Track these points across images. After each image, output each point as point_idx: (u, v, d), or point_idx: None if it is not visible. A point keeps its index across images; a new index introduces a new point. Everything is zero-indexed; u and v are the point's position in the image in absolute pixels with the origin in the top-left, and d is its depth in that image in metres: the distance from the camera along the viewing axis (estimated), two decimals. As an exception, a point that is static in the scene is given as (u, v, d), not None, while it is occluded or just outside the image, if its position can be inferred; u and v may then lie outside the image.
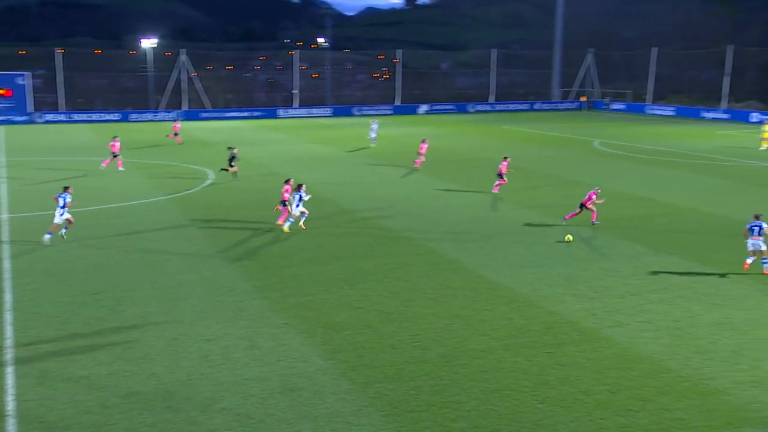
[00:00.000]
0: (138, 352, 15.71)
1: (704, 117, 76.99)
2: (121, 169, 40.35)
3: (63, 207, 24.34)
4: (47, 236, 24.44)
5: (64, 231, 24.81)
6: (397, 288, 20.01)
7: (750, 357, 15.38)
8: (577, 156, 47.05)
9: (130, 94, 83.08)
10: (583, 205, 27.00)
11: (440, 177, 38.57)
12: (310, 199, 27.06)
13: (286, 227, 26.20)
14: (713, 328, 17.05)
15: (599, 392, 13.85)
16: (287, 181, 26.85)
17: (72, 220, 24.80)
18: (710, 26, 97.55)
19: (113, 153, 40.52)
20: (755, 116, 72.22)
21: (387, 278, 20.86)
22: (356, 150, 50.23)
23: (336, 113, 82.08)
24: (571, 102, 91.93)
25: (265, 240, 25.23)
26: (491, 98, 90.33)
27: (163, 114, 76.41)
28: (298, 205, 26.20)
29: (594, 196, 26.93)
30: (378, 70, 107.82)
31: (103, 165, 40.88)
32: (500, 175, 33.70)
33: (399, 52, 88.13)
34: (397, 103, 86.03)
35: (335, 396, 13.78)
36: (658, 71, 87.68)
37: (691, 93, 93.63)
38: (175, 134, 54.01)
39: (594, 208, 27.01)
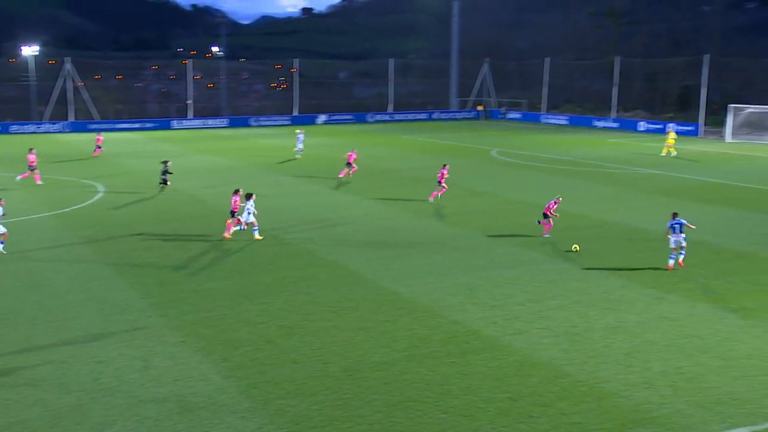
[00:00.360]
0: (22, 378, 15.00)
1: (596, 126, 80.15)
2: (39, 183, 39.13)
3: None
4: None
5: (1, 246, 24.08)
6: (297, 302, 19.89)
7: (641, 359, 16.08)
8: (476, 165, 48.09)
9: (10, 105, 79.47)
10: (545, 215, 27.33)
11: (340, 188, 38.64)
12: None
13: (227, 234, 26.86)
14: (608, 332, 17.73)
15: (501, 400, 14.16)
16: (236, 192, 26.96)
17: (6, 233, 24.36)
18: (598, 38, 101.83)
19: (30, 166, 39.48)
20: (642, 125, 75.79)
21: (287, 292, 20.72)
22: (260, 160, 49.72)
23: (232, 124, 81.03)
24: (468, 111, 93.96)
25: (160, 255, 24.62)
26: (390, 108, 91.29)
27: (47, 125, 73.49)
28: (250, 213, 26.49)
29: (555, 205, 27.43)
30: (275, 80, 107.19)
31: (20, 178, 39.97)
32: (440, 183, 34.39)
33: (296, 62, 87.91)
34: (295, 113, 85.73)
35: (235, 415, 13.56)
36: (551, 81, 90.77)
37: (582, 102, 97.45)
38: (98, 147, 52.00)
39: (551, 220, 27.29)
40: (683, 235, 22.86)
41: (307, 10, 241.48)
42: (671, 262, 22.91)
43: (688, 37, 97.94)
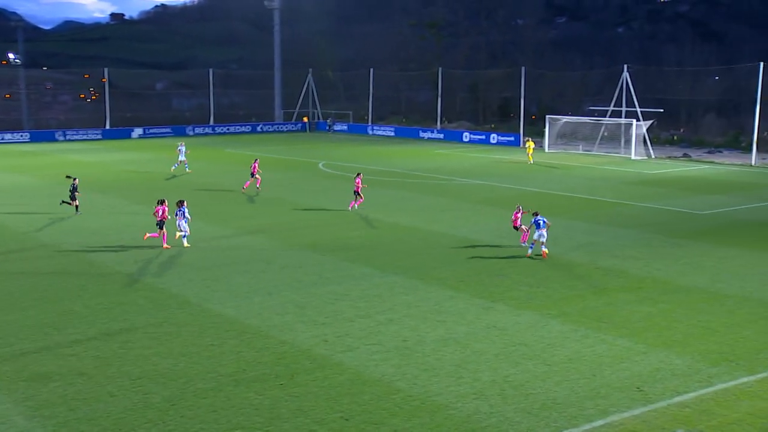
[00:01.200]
0: None
1: (422, 137, 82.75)
2: None
3: None
4: None
5: None
6: (114, 329, 19.00)
7: (471, 370, 16.69)
8: (303, 178, 48.19)
9: None
10: (515, 227, 28.58)
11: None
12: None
13: (185, 243, 27.87)
14: (438, 344, 18.26)
15: (333, 420, 14.18)
16: (161, 202, 27.83)
17: None
18: (421, 49, 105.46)
19: None
20: (466, 135, 79.13)
21: (102, 319, 19.74)
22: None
23: (35, 138, 76.34)
24: (294, 123, 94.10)
25: (-50, 286, 22.69)
26: (211, 120, 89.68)
27: None
28: (186, 221, 27.77)
29: (519, 215, 28.57)
30: (84, 91, 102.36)
31: None
32: (357, 193, 35.72)
33: (106, 71, 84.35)
34: (108, 126, 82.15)
35: (44, 459, 12.70)
36: (376, 92, 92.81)
37: (408, 113, 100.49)
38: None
39: (524, 229, 28.22)
40: (545, 230, 26.64)
41: (117, 16, 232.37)
42: (531, 251, 26.96)
43: (505, 50, 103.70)
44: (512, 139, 75.00)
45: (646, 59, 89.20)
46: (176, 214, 27.88)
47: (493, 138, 76.72)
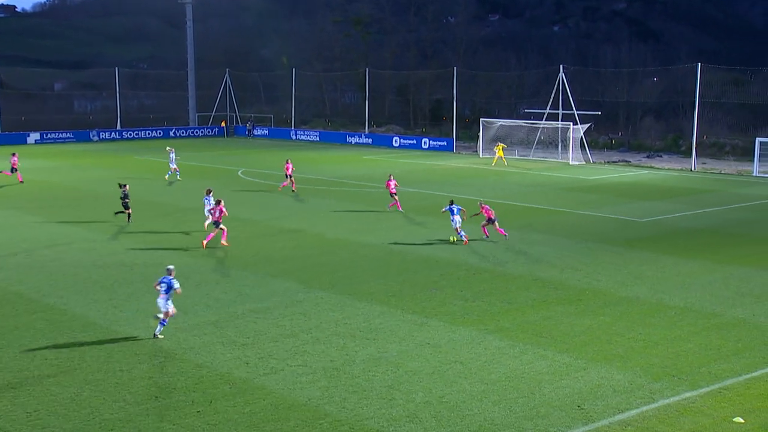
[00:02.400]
0: None
1: (349, 142, 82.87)
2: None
3: None
4: None
5: None
6: (7, 357, 18.42)
7: (404, 391, 16.73)
8: (221, 187, 47.57)
9: None
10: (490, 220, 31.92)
11: (59, 218, 36.53)
12: None
13: (225, 242, 30.59)
14: (369, 364, 18.25)
15: (255, 449, 14.01)
16: (219, 202, 30.95)
17: None
18: (347, 47, 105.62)
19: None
20: (396, 140, 79.60)
21: (-5, 346, 19.12)
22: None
23: None
24: (210, 128, 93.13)
25: None
26: (119, 124, 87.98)
27: None
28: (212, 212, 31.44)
29: (484, 211, 31.94)
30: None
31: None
32: (392, 195, 38.68)
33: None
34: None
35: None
36: (299, 93, 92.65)
37: (334, 117, 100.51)
38: (14, 170, 49.00)
39: (488, 219, 31.83)
40: (459, 217, 30.89)
41: (7, 8, 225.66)
42: (464, 237, 31.04)
43: (436, 48, 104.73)
44: (445, 143, 75.82)
45: (582, 59, 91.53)
46: (204, 201, 33.08)
47: (425, 143, 77.41)
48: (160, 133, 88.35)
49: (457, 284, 25.29)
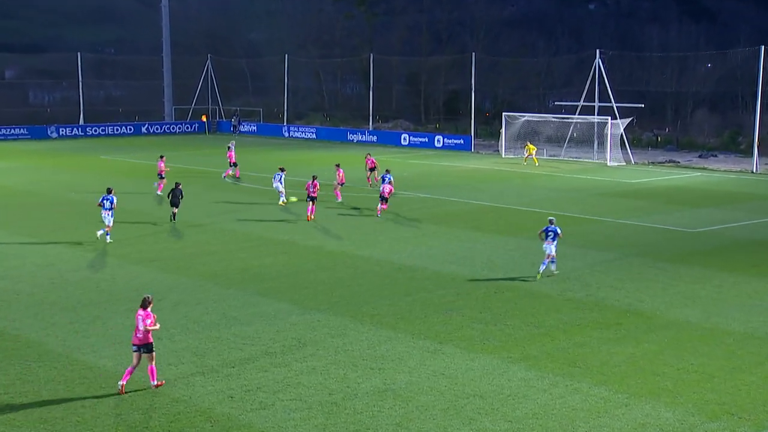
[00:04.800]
0: None
1: (351, 140, 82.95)
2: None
3: None
4: None
5: None
6: (-47, 389, 18.46)
7: (414, 430, 16.69)
8: (202, 193, 47.68)
9: None
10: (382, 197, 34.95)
11: (12, 228, 36.61)
12: None
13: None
14: (374, 397, 18.23)
15: (241, 498, 14.00)
16: (314, 178, 37.49)
17: None
18: (348, 30, 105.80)
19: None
20: (405, 138, 79.63)
21: (-62, 377, 19.16)
22: None
23: None
24: (189, 123, 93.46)
25: None
26: (81, 119, 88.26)
27: None
28: (282, 184, 41.35)
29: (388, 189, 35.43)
30: None
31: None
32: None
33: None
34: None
35: None
36: (293, 84, 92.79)
37: (333, 111, 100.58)
38: None
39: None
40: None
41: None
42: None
43: (452, 31, 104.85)
44: (461, 141, 75.90)
45: (623, 43, 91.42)
46: (275, 178, 42.29)
47: (438, 141, 77.52)
48: (130, 129, 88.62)
49: (475, 305, 25.24)
